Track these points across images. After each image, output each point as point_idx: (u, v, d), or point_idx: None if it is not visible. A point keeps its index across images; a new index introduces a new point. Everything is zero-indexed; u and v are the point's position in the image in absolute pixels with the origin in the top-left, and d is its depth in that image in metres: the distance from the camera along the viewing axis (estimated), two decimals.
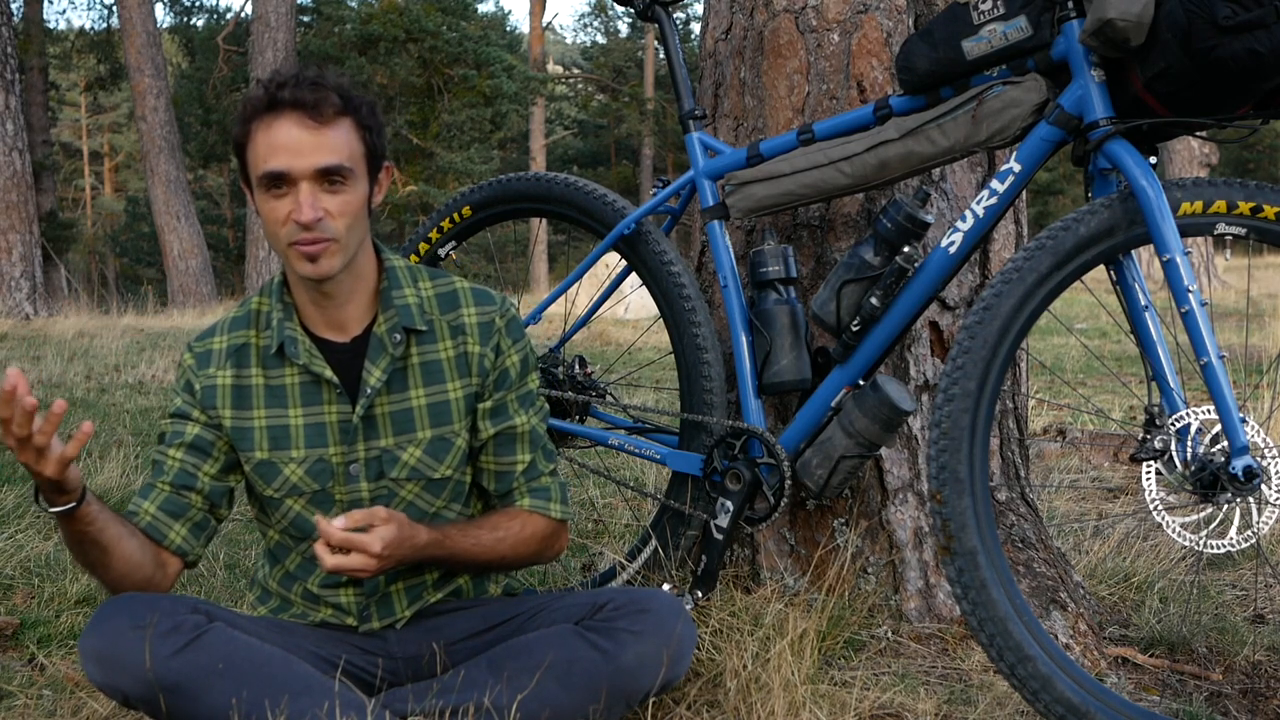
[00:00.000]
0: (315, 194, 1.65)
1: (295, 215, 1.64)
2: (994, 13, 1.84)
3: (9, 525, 2.92)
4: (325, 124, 1.65)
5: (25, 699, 1.94)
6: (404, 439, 1.77)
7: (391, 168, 1.84)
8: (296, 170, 1.64)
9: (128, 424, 4.74)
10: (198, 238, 15.27)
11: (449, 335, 1.80)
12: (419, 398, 1.78)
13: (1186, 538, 1.70)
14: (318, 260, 1.67)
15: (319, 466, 1.75)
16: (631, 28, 37.31)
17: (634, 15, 2.31)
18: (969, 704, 1.92)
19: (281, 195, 1.66)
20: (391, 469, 1.77)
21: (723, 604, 2.06)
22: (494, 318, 1.82)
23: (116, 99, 33.48)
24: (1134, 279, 1.79)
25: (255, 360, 1.78)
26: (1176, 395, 1.73)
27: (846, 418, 1.99)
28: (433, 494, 1.80)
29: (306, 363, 1.74)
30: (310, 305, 1.76)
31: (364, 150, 1.71)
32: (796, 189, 2.05)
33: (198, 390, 1.78)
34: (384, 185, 1.78)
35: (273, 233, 1.69)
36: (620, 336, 8.85)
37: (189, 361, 1.80)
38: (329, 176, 1.65)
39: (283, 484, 1.76)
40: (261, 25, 14.86)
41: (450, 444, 1.79)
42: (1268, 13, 1.62)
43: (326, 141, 1.65)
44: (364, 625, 1.81)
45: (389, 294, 1.78)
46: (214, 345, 1.80)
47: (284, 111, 1.65)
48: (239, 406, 1.77)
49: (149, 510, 1.75)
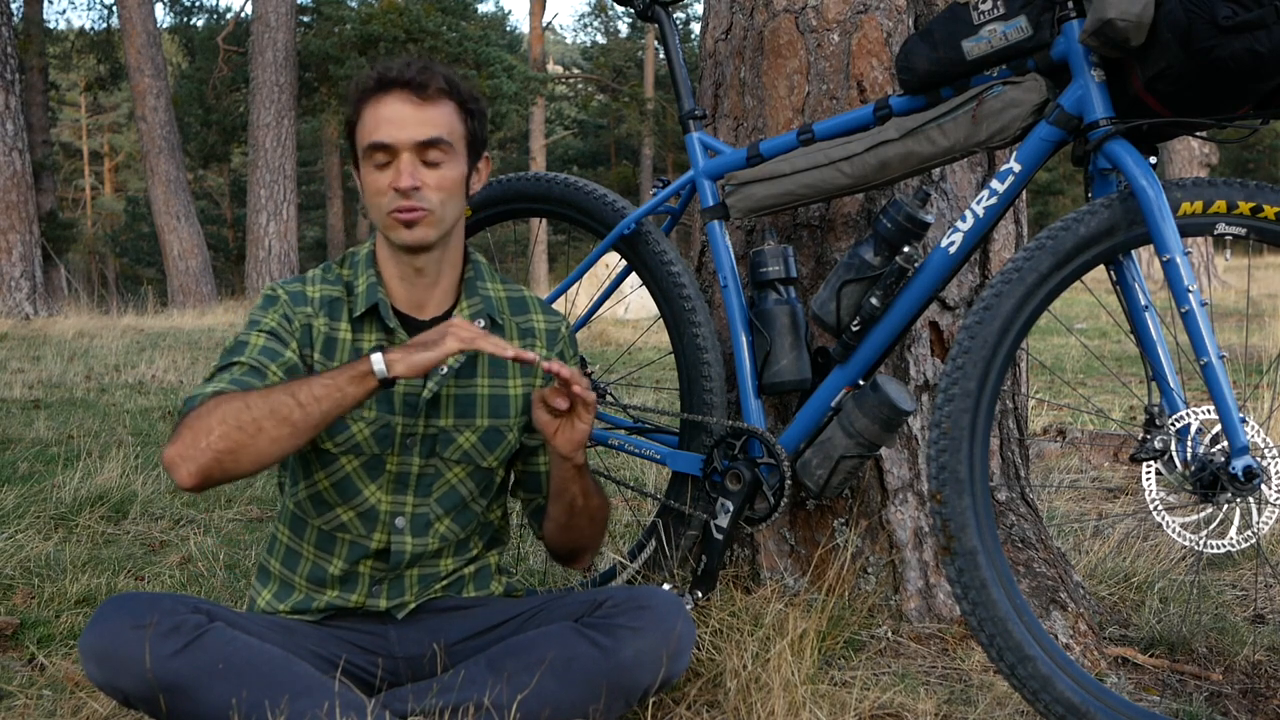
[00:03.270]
0: (415, 165, 1.74)
1: (394, 182, 1.73)
2: (994, 13, 1.84)
3: (9, 525, 2.92)
4: (429, 101, 1.75)
5: (25, 699, 1.94)
6: (463, 423, 1.83)
7: (490, 160, 1.91)
8: (399, 141, 1.73)
9: (127, 424, 4.74)
10: (198, 238, 15.28)
11: (517, 335, 1.91)
12: (484, 387, 1.85)
13: (1186, 538, 1.70)
14: (414, 227, 1.75)
15: (384, 431, 1.79)
16: (631, 28, 37.32)
17: (634, 15, 2.31)
18: (969, 704, 1.92)
19: (384, 166, 1.75)
20: (445, 449, 1.82)
21: (723, 604, 2.06)
22: (560, 328, 1.96)
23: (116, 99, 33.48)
24: (1134, 279, 1.79)
25: (345, 316, 1.82)
26: (1176, 395, 1.73)
27: (846, 418, 1.99)
28: (474, 482, 1.86)
29: (395, 328, 1.80)
30: (398, 280, 1.83)
31: (464, 132, 1.80)
32: (796, 189, 2.05)
33: (295, 324, 1.79)
34: (483, 175, 1.87)
35: (373, 203, 1.77)
36: (620, 336, 8.85)
37: (283, 295, 1.81)
38: (429, 151, 1.74)
39: (346, 439, 1.78)
40: (261, 25, 14.88)
41: (503, 436, 1.86)
42: (1268, 13, 1.62)
43: (429, 117, 1.75)
44: (370, 601, 1.81)
45: (474, 284, 1.88)
46: (306, 290, 1.83)
47: (391, 89, 1.76)
48: (326, 354, 1.80)
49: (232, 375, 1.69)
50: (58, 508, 3.16)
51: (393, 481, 1.80)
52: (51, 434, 4.46)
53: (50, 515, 3.11)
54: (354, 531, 1.80)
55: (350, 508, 1.80)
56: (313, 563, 1.83)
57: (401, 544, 1.81)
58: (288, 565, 1.85)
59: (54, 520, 3.09)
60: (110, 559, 2.77)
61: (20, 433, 4.45)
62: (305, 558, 1.84)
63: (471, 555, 1.89)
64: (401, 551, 1.81)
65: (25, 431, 4.47)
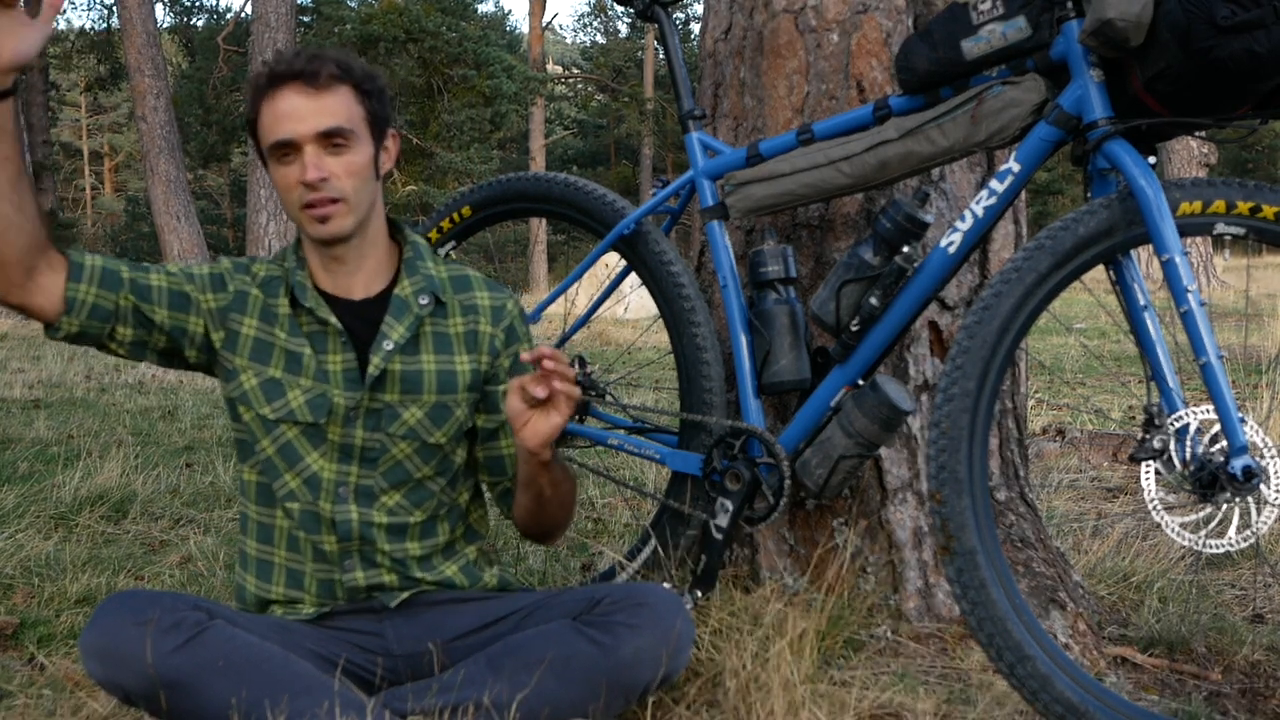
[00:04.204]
0: (319, 156, 1.74)
1: (300, 176, 1.74)
2: (993, 13, 1.84)
3: (9, 525, 2.93)
4: (323, 90, 1.75)
5: (25, 699, 1.94)
6: (408, 398, 1.84)
7: (399, 135, 1.91)
8: (299, 135, 1.74)
9: (127, 424, 4.74)
10: (198, 238, 15.26)
11: (460, 313, 1.89)
12: (429, 363, 1.85)
13: (1185, 537, 1.70)
14: (328, 221, 1.76)
15: (320, 401, 1.80)
16: (631, 28, 37.31)
17: (634, 15, 2.31)
18: (968, 703, 1.92)
19: (290, 162, 1.76)
20: (390, 424, 1.82)
21: (722, 604, 2.06)
22: (506, 303, 1.93)
23: (116, 99, 33.46)
24: (1133, 279, 1.79)
25: (284, 293, 1.85)
26: (1175, 395, 1.74)
27: (846, 418, 1.99)
28: (423, 458, 1.85)
29: (313, 306, 1.81)
30: (320, 268, 1.85)
31: (364, 114, 1.80)
32: (796, 189, 2.05)
33: (229, 289, 1.83)
34: (392, 152, 1.87)
35: (286, 199, 1.78)
36: (620, 336, 8.86)
37: (226, 265, 1.87)
38: (331, 139, 1.75)
39: (282, 406, 1.80)
40: (261, 25, 14.86)
41: (450, 412, 1.86)
42: (1266, 13, 1.62)
43: (325, 106, 1.75)
44: (346, 576, 1.81)
45: (414, 263, 1.88)
46: (252, 267, 1.88)
47: (284, 83, 1.76)
48: (265, 321, 1.83)
49: (94, 258, 1.76)
50: (58, 507, 3.17)
51: (336, 451, 1.81)
52: (51, 434, 4.46)
53: (50, 515, 3.11)
54: (303, 499, 1.81)
55: (295, 474, 1.81)
56: (288, 532, 1.83)
57: (346, 513, 1.81)
58: (263, 540, 1.85)
59: (54, 520, 3.09)
60: (110, 559, 2.77)
61: (20, 432, 4.45)
62: (279, 527, 1.84)
63: (442, 543, 1.88)
64: (348, 521, 1.81)
65: (25, 431, 4.47)
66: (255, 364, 1.82)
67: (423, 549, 1.86)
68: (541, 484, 1.85)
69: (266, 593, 1.84)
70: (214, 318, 1.82)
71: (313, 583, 1.82)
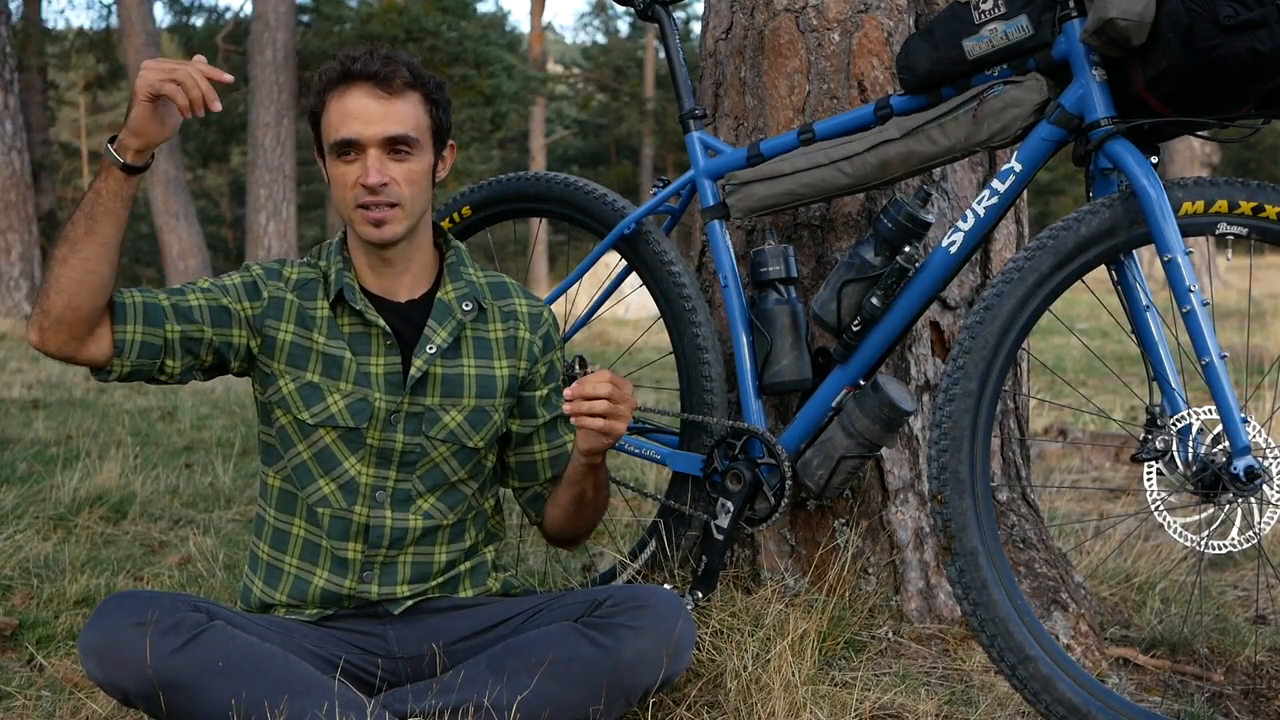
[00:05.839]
0: (382, 160, 1.76)
1: (362, 179, 1.75)
2: (995, 12, 1.83)
3: (8, 526, 2.92)
4: (394, 95, 1.76)
5: (24, 700, 1.93)
6: (449, 402, 1.84)
7: (455, 146, 1.93)
8: (366, 137, 1.75)
9: (127, 424, 4.74)
10: (197, 238, 15.26)
11: (499, 319, 1.91)
12: (470, 367, 1.86)
13: (1188, 538, 1.70)
14: (382, 225, 1.77)
15: (360, 405, 1.80)
16: (631, 27, 37.31)
17: (634, 15, 2.30)
18: (970, 705, 1.91)
19: (351, 161, 1.76)
20: (431, 427, 1.83)
21: (723, 604, 2.05)
22: (543, 312, 1.96)
23: (116, 99, 33.45)
24: (1135, 279, 1.79)
25: (322, 296, 1.84)
26: (1178, 395, 1.73)
27: (847, 418, 1.99)
28: (460, 461, 1.86)
29: (362, 309, 1.81)
30: (366, 268, 1.85)
31: (430, 124, 1.81)
32: (797, 189, 2.04)
33: (263, 296, 1.83)
34: (448, 162, 1.89)
35: (341, 197, 1.79)
36: (620, 336, 8.86)
37: (257, 270, 1.86)
38: (396, 145, 1.76)
39: (322, 411, 1.80)
40: (261, 25, 14.85)
41: (489, 416, 1.87)
42: (1269, 12, 1.62)
43: (395, 112, 1.76)
44: (361, 588, 1.80)
45: (457, 268, 1.90)
46: (284, 271, 1.87)
47: (356, 82, 1.76)
48: (302, 325, 1.82)
49: (133, 294, 1.75)
50: (57, 508, 3.16)
51: (375, 455, 1.81)
52: (50, 434, 4.45)
53: (49, 515, 3.11)
54: (335, 505, 1.81)
55: (331, 479, 1.81)
56: (304, 540, 1.83)
57: (381, 518, 1.80)
58: (276, 546, 1.84)
59: (53, 520, 3.08)
60: (109, 559, 2.76)
61: (19, 433, 4.45)
62: (295, 535, 1.83)
63: (467, 546, 1.89)
64: (381, 526, 1.80)
65: (24, 431, 4.47)
66: (293, 369, 1.81)
67: (450, 553, 1.86)
68: (586, 485, 1.88)
69: (271, 598, 1.84)
70: (252, 325, 1.81)
71: (318, 594, 1.82)
